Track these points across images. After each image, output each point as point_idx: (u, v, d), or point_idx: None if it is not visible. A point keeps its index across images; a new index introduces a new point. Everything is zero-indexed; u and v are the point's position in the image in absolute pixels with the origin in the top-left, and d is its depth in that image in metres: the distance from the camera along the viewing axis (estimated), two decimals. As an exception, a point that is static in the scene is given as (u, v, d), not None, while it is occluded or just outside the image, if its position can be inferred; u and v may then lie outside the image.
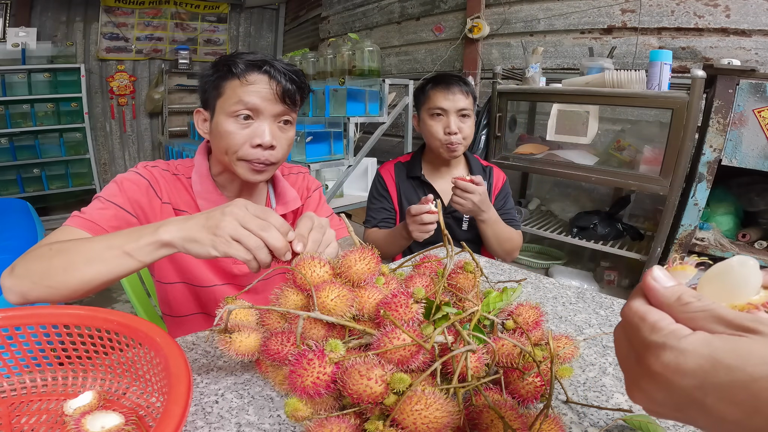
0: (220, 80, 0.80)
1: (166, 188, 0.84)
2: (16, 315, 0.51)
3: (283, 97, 0.80)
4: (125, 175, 0.81)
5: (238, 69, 0.78)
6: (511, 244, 1.32)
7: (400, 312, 0.46)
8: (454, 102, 1.27)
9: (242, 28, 5.08)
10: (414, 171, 1.39)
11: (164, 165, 0.87)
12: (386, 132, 2.68)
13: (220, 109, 0.80)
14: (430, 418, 0.37)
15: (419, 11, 3.16)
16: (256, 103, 0.78)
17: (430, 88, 1.31)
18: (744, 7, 1.81)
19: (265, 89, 0.78)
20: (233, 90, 0.78)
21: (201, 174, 0.87)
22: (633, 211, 2.10)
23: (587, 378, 0.60)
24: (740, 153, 1.46)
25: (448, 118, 1.27)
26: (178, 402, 0.39)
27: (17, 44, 3.51)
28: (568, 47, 2.39)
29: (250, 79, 0.78)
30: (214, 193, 0.86)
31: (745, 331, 0.23)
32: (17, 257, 0.64)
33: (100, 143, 4.45)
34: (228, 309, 0.48)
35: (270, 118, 0.80)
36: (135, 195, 0.79)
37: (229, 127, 0.79)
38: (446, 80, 1.29)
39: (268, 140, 0.79)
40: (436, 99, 1.28)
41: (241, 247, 0.54)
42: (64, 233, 0.71)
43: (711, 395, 0.23)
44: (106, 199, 0.77)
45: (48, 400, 0.51)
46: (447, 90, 1.27)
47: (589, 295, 0.87)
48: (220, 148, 0.82)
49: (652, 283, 0.28)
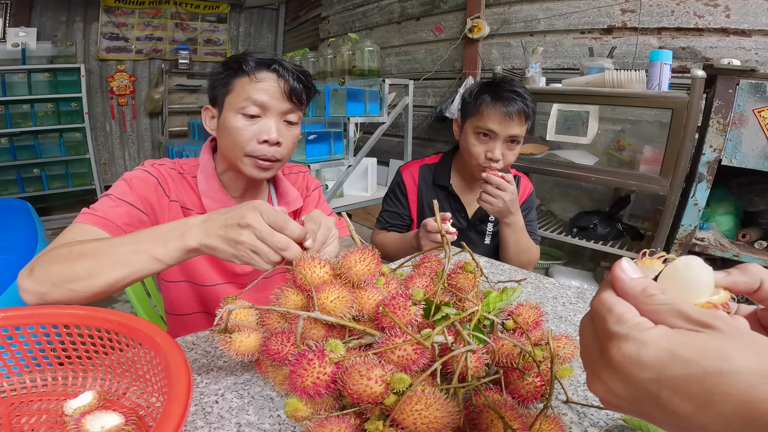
0: (229, 77, 0.81)
1: (174, 187, 0.85)
2: (16, 315, 0.51)
3: (290, 95, 0.81)
4: (134, 173, 0.81)
5: (248, 66, 0.79)
6: (528, 256, 1.24)
7: (399, 314, 0.46)
8: (507, 128, 1.10)
9: (242, 28, 5.08)
10: (442, 179, 1.28)
11: (170, 164, 0.88)
12: (386, 132, 2.69)
13: (228, 106, 0.81)
14: (430, 418, 0.37)
15: (419, 11, 3.16)
16: (263, 100, 0.79)
17: (486, 104, 1.11)
18: (744, 7, 1.81)
19: (273, 87, 0.80)
20: (242, 87, 0.80)
21: (206, 173, 0.87)
22: (633, 211, 2.10)
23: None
24: (740, 153, 1.46)
25: (495, 142, 1.12)
26: (178, 402, 0.39)
27: (17, 44, 3.51)
28: (568, 47, 2.39)
29: (259, 77, 0.79)
30: (219, 193, 0.87)
31: (703, 327, 0.24)
32: (17, 257, 0.64)
33: (100, 143, 4.45)
34: (228, 309, 0.48)
35: (277, 116, 0.82)
36: (145, 193, 0.80)
37: (237, 123, 0.80)
38: (507, 99, 1.09)
39: (274, 136, 0.80)
40: (488, 118, 1.11)
41: (260, 259, 0.55)
42: (80, 232, 0.70)
43: (666, 388, 0.23)
44: (117, 197, 0.77)
45: (48, 400, 0.51)
46: (505, 112, 1.09)
47: (589, 295, 0.87)
48: (227, 145, 0.83)
49: (620, 273, 0.28)
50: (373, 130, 2.60)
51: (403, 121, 2.86)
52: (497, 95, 1.10)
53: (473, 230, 1.30)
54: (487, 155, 1.13)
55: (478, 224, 1.30)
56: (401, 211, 1.33)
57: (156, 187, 0.82)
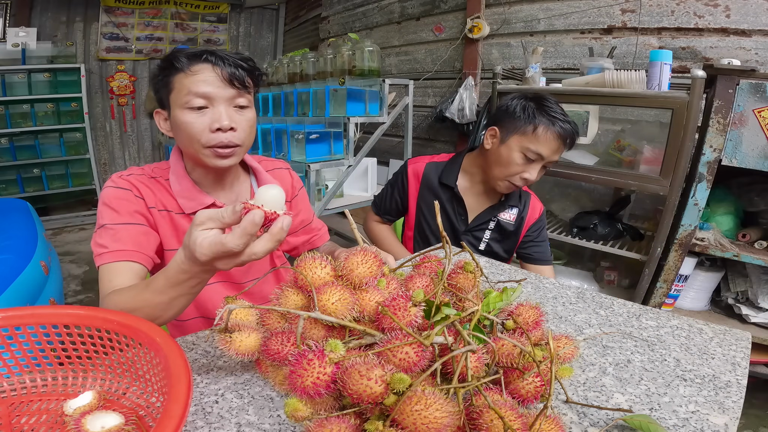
0: (167, 77, 0.81)
1: (147, 192, 0.85)
2: (16, 315, 0.51)
3: (230, 80, 0.80)
4: (109, 194, 0.82)
5: (180, 63, 0.79)
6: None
7: (399, 315, 0.46)
8: (555, 154, 1.10)
9: (242, 28, 5.08)
10: (448, 179, 1.26)
11: (138, 171, 0.88)
12: (386, 132, 2.68)
13: (174, 104, 0.81)
14: (430, 418, 0.37)
15: (419, 11, 3.16)
16: (205, 91, 0.79)
17: (544, 128, 1.08)
18: (744, 7, 1.81)
19: (210, 76, 0.79)
20: (180, 83, 0.80)
21: (178, 174, 0.88)
22: (633, 211, 2.10)
23: (587, 378, 0.60)
24: (740, 153, 1.46)
25: (537, 164, 1.11)
26: (178, 402, 0.39)
27: (17, 44, 3.51)
28: (568, 47, 2.39)
29: (193, 69, 0.79)
30: (192, 191, 0.87)
31: None
32: (17, 257, 0.64)
33: (100, 143, 4.45)
34: (228, 309, 0.48)
35: (224, 103, 0.81)
36: (129, 207, 0.82)
37: (186, 118, 0.80)
38: (562, 126, 1.08)
39: (226, 123, 0.80)
40: (544, 144, 1.08)
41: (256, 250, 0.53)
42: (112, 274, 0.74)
43: None
44: (112, 224, 0.79)
45: (48, 400, 0.51)
46: (563, 141, 1.09)
47: (589, 295, 0.87)
48: (184, 141, 0.83)
49: None
50: (373, 130, 2.60)
51: (403, 121, 2.86)
52: (553, 119, 1.08)
53: (470, 234, 1.29)
54: (524, 176, 1.12)
55: (475, 230, 1.29)
56: (397, 201, 1.33)
57: (134, 197, 0.83)
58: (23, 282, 1.51)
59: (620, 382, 0.59)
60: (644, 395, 0.56)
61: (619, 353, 0.66)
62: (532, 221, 1.29)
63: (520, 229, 1.29)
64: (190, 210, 0.86)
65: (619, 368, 0.62)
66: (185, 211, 0.86)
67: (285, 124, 2.51)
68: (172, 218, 0.86)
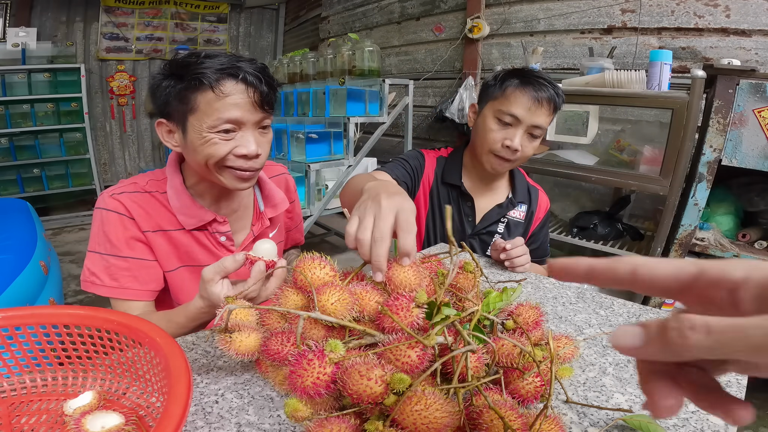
0: (187, 92, 0.72)
1: (140, 214, 0.80)
2: (16, 315, 0.51)
3: (261, 104, 0.76)
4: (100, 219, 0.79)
5: (209, 79, 0.70)
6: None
7: (401, 315, 0.46)
8: (534, 115, 1.02)
9: (242, 28, 5.08)
10: (452, 177, 1.17)
11: (131, 187, 0.81)
12: (386, 132, 2.69)
13: (195, 124, 0.74)
14: (430, 418, 0.37)
15: (419, 11, 3.16)
16: (237, 117, 0.73)
17: (514, 87, 1.03)
18: (744, 7, 1.81)
19: (242, 99, 0.73)
20: (208, 105, 0.72)
21: (176, 189, 0.82)
22: (633, 211, 2.10)
23: (587, 378, 0.60)
24: (740, 153, 1.46)
25: (516, 129, 1.04)
26: (178, 402, 0.39)
27: (17, 44, 3.51)
28: (568, 47, 2.39)
29: (225, 90, 0.71)
30: (192, 207, 0.83)
31: None
32: (17, 257, 0.64)
33: (100, 143, 4.45)
34: (228, 309, 0.48)
35: (252, 127, 0.77)
36: (123, 234, 0.79)
37: (210, 140, 0.74)
38: (538, 85, 1.02)
39: (253, 150, 0.76)
40: (515, 102, 1.02)
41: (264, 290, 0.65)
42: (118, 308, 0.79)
43: None
44: (109, 255, 0.79)
45: (48, 400, 0.51)
46: (534, 97, 1.01)
47: (589, 295, 0.87)
48: (200, 161, 0.76)
49: None
50: (373, 130, 2.60)
51: (403, 121, 2.87)
52: (527, 80, 1.03)
53: (477, 237, 1.19)
54: (505, 143, 1.04)
55: (483, 233, 1.20)
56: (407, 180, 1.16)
57: (128, 221, 0.79)
58: (23, 282, 1.51)
59: (620, 382, 0.59)
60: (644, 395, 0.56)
61: (619, 353, 0.66)
62: (539, 220, 1.24)
63: (529, 225, 1.24)
64: (191, 227, 0.83)
65: (619, 368, 0.62)
66: (186, 227, 0.83)
67: (285, 124, 2.51)
68: (170, 237, 0.83)
